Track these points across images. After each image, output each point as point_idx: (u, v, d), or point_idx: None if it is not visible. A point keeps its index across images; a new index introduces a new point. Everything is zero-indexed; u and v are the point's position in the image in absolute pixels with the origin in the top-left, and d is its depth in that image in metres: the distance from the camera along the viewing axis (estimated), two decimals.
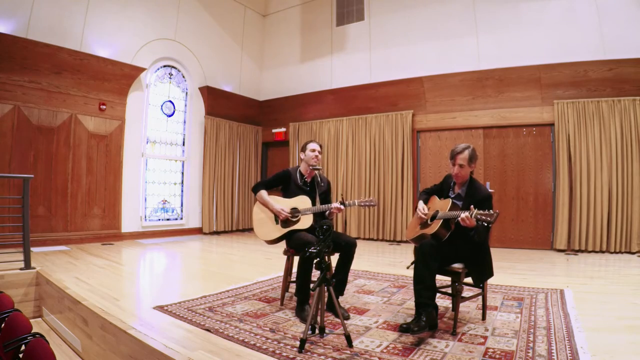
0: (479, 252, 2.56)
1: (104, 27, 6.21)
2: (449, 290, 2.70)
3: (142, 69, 6.61)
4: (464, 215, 2.33)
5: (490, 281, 2.81)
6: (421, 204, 2.76)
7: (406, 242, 6.56)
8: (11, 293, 3.11)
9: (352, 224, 7.40)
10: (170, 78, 7.46)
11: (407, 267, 2.83)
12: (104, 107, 6.22)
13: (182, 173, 7.70)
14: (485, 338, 2.34)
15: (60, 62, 5.65)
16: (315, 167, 3.05)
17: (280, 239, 3.05)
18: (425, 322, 2.27)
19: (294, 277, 3.02)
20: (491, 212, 2.26)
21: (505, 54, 6.24)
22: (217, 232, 7.95)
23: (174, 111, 7.51)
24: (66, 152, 5.84)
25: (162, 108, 7.31)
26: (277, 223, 3.05)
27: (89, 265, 4.40)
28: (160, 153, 7.31)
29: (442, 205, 2.64)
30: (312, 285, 2.81)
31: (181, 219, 7.62)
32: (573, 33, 5.81)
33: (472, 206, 2.35)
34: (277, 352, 2.12)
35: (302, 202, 3.04)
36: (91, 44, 6.02)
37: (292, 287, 3.22)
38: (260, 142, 9.10)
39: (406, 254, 5.68)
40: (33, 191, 5.10)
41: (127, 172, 6.59)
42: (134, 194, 6.74)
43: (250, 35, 8.95)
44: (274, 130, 8.80)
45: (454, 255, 2.54)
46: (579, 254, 5.54)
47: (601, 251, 5.52)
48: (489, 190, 4.59)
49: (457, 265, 2.55)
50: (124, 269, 4.47)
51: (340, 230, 7.48)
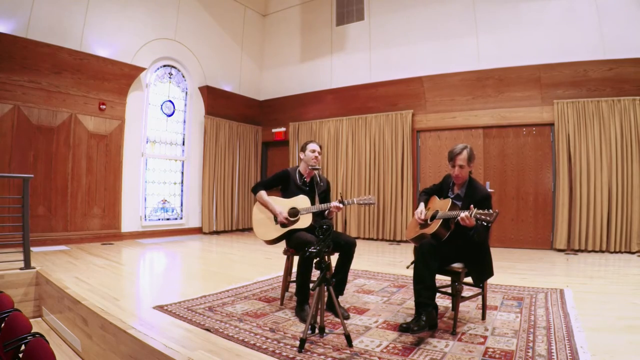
0: (479, 251, 2.56)
1: (104, 27, 6.21)
2: (449, 290, 2.70)
3: (141, 69, 6.61)
4: (463, 214, 2.34)
5: (490, 281, 2.81)
6: (421, 206, 2.76)
7: (406, 241, 6.56)
8: (11, 293, 3.10)
9: (352, 223, 7.40)
10: (170, 78, 7.46)
11: (407, 267, 2.83)
12: (103, 106, 6.22)
13: (182, 173, 7.70)
14: (485, 338, 2.34)
15: (60, 62, 5.65)
16: (315, 168, 3.05)
17: (279, 238, 3.05)
18: (425, 321, 2.27)
19: (293, 276, 3.02)
20: (490, 211, 2.26)
21: (505, 54, 6.24)
22: (217, 232, 7.95)
23: (173, 111, 7.51)
24: (66, 152, 5.84)
25: (162, 108, 7.31)
26: (276, 223, 3.05)
27: (89, 265, 4.40)
28: (160, 153, 7.31)
29: (442, 205, 2.64)
30: (312, 285, 2.81)
31: (181, 218, 7.62)
32: (573, 33, 5.81)
33: (471, 206, 2.35)
34: (277, 351, 2.12)
35: (301, 201, 3.04)
36: (91, 43, 6.02)
37: (292, 287, 3.23)
38: (260, 141, 9.10)
39: (406, 254, 5.68)
40: (33, 191, 5.10)
41: (127, 171, 6.59)
42: (133, 193, 6.74)
43: (250, 35, 8.95)
44: (273, 130, 8.80)
45: (453, 254, 2.54)
46: (578, 253, 5.54)
47: (601, 251, 5.52)
48: (489, 189, 4.60)
49: (457, 265, 2.55)
50: (123, 268, 4.48)
51: (340, 229, 7.48)
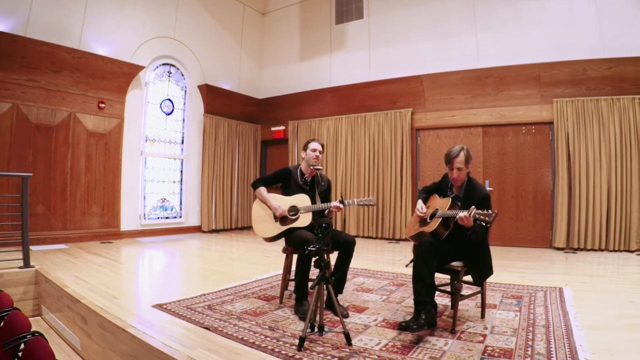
0: (479, 250, 2.56)
1: (103, 25, 6.18)
2: (448, 289, 2.70)
3: (140, 67, 6.59)
4: (462, 214, 2.34)
5: (489, 279, 2.81)
6: (420, 203, 2.76)
7: (405, 240, 6.57)
8: (10, 292, 3.09)
9: (351, 222, 7.41)
10: (169, 76, 7.44)
11: (407, 265, 2.83)
12: (102, 105, 6.21)
13: (181, 171, 7.69)
14: (485, 336, 2.35)
15: (59, 61, 5.64)
16: (316, 167, 3.04)
17: (278, 236, 3.05)
18: (424, 320, 2.27)
19: (293, 275, 3.02)
20: (489, 212, 2.26)
21: (505, 53, 6.23)
22: (216, 231, 7.94)
23: (172, 109, 7.50)
24: (65, 151, 5.83)
25: (161, 106, 7.30)
26: (276, 220, 3.04)
27: (88, 264, 4.40)
28: (159, 151, 7.30)
29: (442, 204, 2.64)
30: (311, 284, 2.81)
31: (180, 217, 7.61)
32: (572, 32, 5.81)
33: (472, 207, 2.35)
34: (276, 350, 2.12)
35: (302, 200, 3.03)
36: (90, 42, 6.00)
37: (291, 285, 3.22)
38: (260, 140, 9.09)
39: (405, 252, 5.68)
40: (32, 190, 5.10)
41: (126, 170, 6.58)
42: (133, 192, 6.73)
43: (250, 33, 8.93)
44: (273, 129, 8.79)
45: (453, 253, 2.55)
46: (577, 252, 5.54)
47: (600, 249, 5.53)
48: (488, 189, 4.60)
49: (456, 264, 2.55)
50: (123, 267, 4.48)
51: (339, 228, 7.48)
